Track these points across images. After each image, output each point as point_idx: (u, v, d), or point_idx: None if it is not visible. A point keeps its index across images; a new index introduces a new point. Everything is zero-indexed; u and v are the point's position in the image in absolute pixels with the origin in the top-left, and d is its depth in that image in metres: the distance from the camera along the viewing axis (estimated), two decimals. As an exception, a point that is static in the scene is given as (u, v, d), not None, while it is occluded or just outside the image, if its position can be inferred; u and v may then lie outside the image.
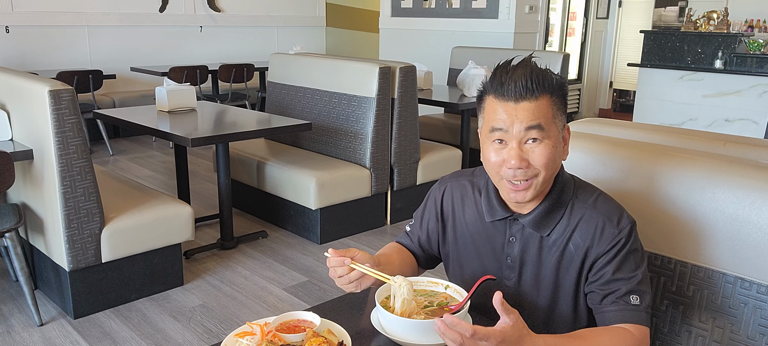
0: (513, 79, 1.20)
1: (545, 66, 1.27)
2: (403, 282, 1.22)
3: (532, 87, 1.20)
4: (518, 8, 6.01)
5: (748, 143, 1.57)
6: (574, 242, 1.29)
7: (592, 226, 1.27)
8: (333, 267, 1.28)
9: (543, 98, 1.21)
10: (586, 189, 1.33)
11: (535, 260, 1.33)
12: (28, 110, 2.72)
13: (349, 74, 3.92)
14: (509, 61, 1.25)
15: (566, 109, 1.29)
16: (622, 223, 1.26)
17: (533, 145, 1.21)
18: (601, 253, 1.26)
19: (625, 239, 1.25)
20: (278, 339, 1.13)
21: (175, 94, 3.83)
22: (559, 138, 1.24)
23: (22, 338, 2.61)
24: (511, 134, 1.21)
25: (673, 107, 6.08)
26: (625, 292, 1.24)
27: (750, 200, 1.28)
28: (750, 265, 1.28)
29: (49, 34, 6.38)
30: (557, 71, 4.90)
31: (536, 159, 1.22)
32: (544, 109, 1.21)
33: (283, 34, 8.31)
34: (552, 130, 1.22)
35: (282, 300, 3.00)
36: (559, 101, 1.24)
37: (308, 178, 3.61)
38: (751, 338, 1.29)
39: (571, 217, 1.29)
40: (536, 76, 1.21)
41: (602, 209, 1.28)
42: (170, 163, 5.56)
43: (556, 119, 1.24)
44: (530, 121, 1.20)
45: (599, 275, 1.27)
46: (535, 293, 1.35)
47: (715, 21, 6.31)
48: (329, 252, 1.28)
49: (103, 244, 2.74)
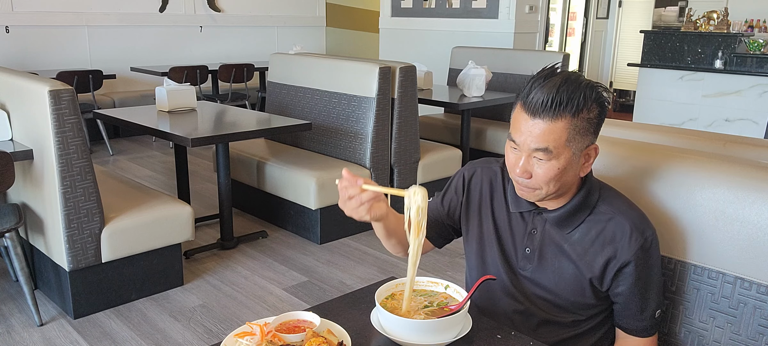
0: (541, 92, 1.19)
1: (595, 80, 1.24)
2: (417, 189, 1.19)
3: (551, 106, 1.18)
4: (518, 8, 6.01)
5: (748, 143, 1.57)
6: (600, 243, 1.30)
7: (620, 231, 1.28)
8: (344, 189, 1.23)
9: (561, 120, 1.18)
10: (612, 194, 1.35)
11: (554, 255, 1.34)
12: (28, 110, 2.72)
13: (349, 74, 3.92)
14: (552, 69, 1.23)
15: (597, 128, 1.25)
16: (647, 232, 1.28)
17: (538, 162, 1.23)
18: (627, 261, 1.28)
19: (650, 248, 1.28)
20: (278, 339, 1.13)
21: (175, 94, 3.82)
22: (572, 159, 1.23)
23: (22, 338, 2.61)
24: (521, 146, 1.23)
25: (673, 107, 6.08)
26: (652, 307, 1.32)
27: (750, 200, 1.28)
28: (750, 265, 1.28)
29: (49, 34, 6.38)
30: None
31: (538, 175, 1.23)
32: (557, 132, 1.19)
33: (283, 34, 8.31)
34: (563, 152, 1.21)
35: (282, 300, 3.00)
36: (583, 124, 1.21)
37: (308, 178, 3.61)
38: (751, 338, 1.29)
39: (596, 220, 1.31)
40: (562, 94, 1.17)
41: (630, 215, 1.30)
42: (170, 163, 5.56)
43: (573, 142, 1.21)
44: (539, 142, 1.20)
45: (625, 284, 1.30)
46: (551, 285, 1.36)
47: (715, 21, 6.31)
48: (343, 172, 1.24)
49: (103, 244, 2.74)
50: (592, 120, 1.22)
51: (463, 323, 1.22)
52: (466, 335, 1.21)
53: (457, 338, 1.20)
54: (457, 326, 1.21)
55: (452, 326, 1.20)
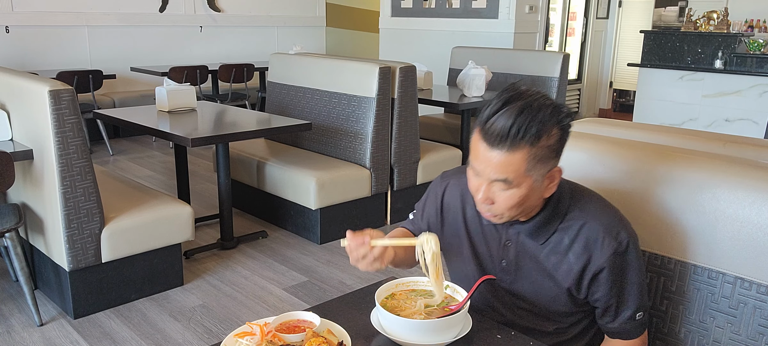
0: (498, 120, 1.14)
1: (549, 94, 1.20)
2: (429, 237, 1.22)
3: (509, 138, 1.13)
4: (518, 8, 6.01)
5: (748, 143, 1.57)
6: (573, 252, 1.27)
7: (593, 237, 1.26)
8: (353, 250, 1.25)
9: (519, 152, 1.14)
10: (584, 197, 1.31)
11: (531, 268, 1.33)
12: (28, 110, 2.72)
13: (349, 74, 3.92)
14: (509, 95, 1.16)
15: (559, 152, 1.20)
16: (621, 236, 1.25)
17: (499, 191, 1.20)
18: (600, 266, 1.25)
19: (624, 252, 1.25)
20: (278, 339, 1.13)
21: (175, 94, 3.82)
22: (534, 185, 1.20)
23: (22, 338, 2.61)
24: (481, 174, 1.21)
25: (673, 107, 6.08)
26: (632, 310, 1.29)
27: (750, 200, 1.28)
28: (750, 265, 1.28)
29: (49, 34, 6.38)
30: (557, 71, 4.89)
31: (500, 202, 1.22)
32: (516, 163, 1.15)
33: (283, 34, 8.31)
34: (523, 181, 1.18)
35: (282, 300, 3.00)
36: (543, 152, 1.16)
37: (308, 178, 3.60)
38: (751, 338, 1.29)
39: (568, 227, 1.28)
40: (520, 125, 1.12)
41: (602, 219, 1.27)
42: (170, 163, 5.56)
43: (534, 170, 1.17)
44: (498, 173, 1.17)
45: (602, 290, 1.28)
46: (530, 297, 1.35)
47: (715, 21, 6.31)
48: (347, 235, 1.26)
49: (103, 244, 2.74)
50: (553, 146, 1.17)
51: (463, 323, 1.22)
52: (466, 335, 1.21)
53: (457, 338, 1.20)
54: (457, 326, 1.21)
55: (452, 326, 1.20)
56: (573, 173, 1.52)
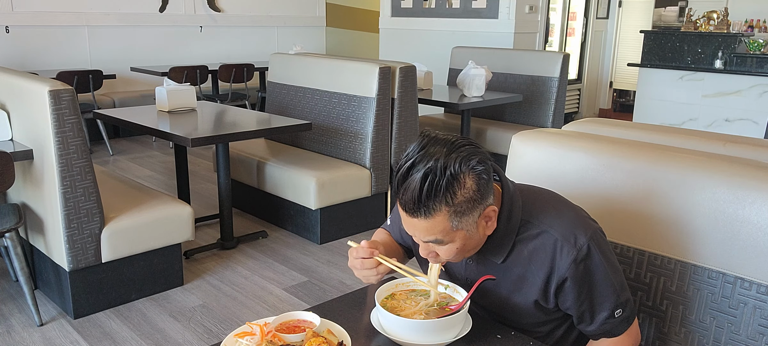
0: (406, 193, 1.12)
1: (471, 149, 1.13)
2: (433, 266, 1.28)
3: (421, 207, 1.11)
4: (518, 8, 6.01)
5: (748, 143, 1.57)
6: (534, 263, 1.24)
7: (550, 248, 1.22)
8: (360, 259, 1.26)
9: (438, 215, 1.11)
10: (537, 206, 1.27)
11: (495, 286, 1.31)
12: (28, 110, 2.72)
13: (349, 74, 3.92)
14: (411, 163, 1.13)
15: (483, 194, 1.15)
16: (579, 241, 1.21)
17: (436, 246, 1.19)
18: (563, 277, 1.22)
19: (585, 257, 1.21)
20: (278, 339, 1.13)
21: (175, 94, 3.82)
22: (468, 234, 1.17)
23: (22, 338, 2.61)
24: (413, 236, 1.20)
25: (673, 107, 6.08)
26: (608, 310, 1.25)
27: (750, 200, 1.28)
28: (750, 265, 1.28)
29: (49, 34, 6.38)
30: (557, 71, 4.89)
31: (442, 254, 1.21)
32: (439, 225, 1.13)
33: (283, 34, 8.31)
34: (455, 235, 1.16)
35: (282, 300, 3.00)
36: (464, 205, 1.12)
37: (308, 178, 3.60)
38: (751, 338, 1.29)
39: (525, 238, 1.25)
40: (426, 196, 1.09)
41: (557, 226, 1.23)
42: (170, 163, 5.56)
43: (461, 223, 1.14)
44: (426, 236, 1.16)
45: (570, 299, 1.25)
46: (502, 312, 1.34)
47: (715, 21, 6.31)
48: (363, 244, 1.27)
49: (103, 244, 2.74)
50: (472, 196, 1.13)
51: (463, 323, 1.22)
52: (466, 335, 1.21)
53: (457, 338, 1.20)
54: (457, 326, 1.21)
55: (452, 326, 1.20)
56: (572, 173, 1.52)
